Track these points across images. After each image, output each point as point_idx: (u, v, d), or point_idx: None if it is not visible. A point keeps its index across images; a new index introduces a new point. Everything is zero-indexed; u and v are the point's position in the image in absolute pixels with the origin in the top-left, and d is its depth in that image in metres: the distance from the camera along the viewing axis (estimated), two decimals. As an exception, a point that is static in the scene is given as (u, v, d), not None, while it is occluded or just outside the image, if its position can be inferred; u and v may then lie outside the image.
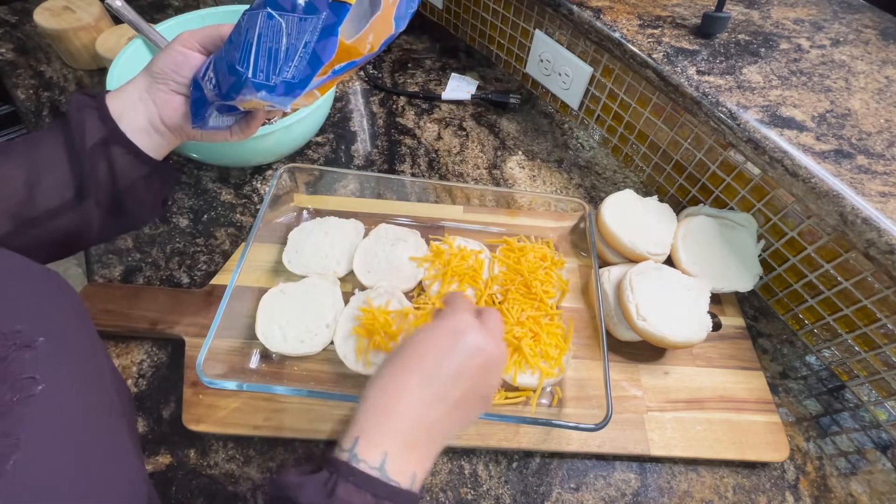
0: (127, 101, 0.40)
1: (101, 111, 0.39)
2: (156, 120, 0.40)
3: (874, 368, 0.54)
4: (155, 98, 0.40)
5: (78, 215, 0.38)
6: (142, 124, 0.40)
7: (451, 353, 0.34)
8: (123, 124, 0.39)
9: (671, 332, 0.51)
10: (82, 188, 0.38)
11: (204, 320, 0.53)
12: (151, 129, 0.40)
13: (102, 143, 0.38)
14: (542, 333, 0.52)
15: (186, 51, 0.40)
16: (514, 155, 0.77)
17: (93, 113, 0.38)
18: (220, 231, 0.64)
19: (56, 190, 0.37)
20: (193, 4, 1.00)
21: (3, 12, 0.94)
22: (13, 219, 0.36)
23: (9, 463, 0.21)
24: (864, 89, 0.55)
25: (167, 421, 0.49)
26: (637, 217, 0.60)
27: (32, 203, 0.36)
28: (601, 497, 0.48)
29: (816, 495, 0.49)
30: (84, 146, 0.37)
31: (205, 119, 0.40)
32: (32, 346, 0.25)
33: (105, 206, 0.40)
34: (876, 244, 0.44)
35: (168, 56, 0.40)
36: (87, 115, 0.38)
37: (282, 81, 0.34)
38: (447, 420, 0.33)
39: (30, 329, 0.26)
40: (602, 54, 0.69)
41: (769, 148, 0.50)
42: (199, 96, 0.39)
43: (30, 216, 0.36)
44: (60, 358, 0.27)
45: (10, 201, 0.36)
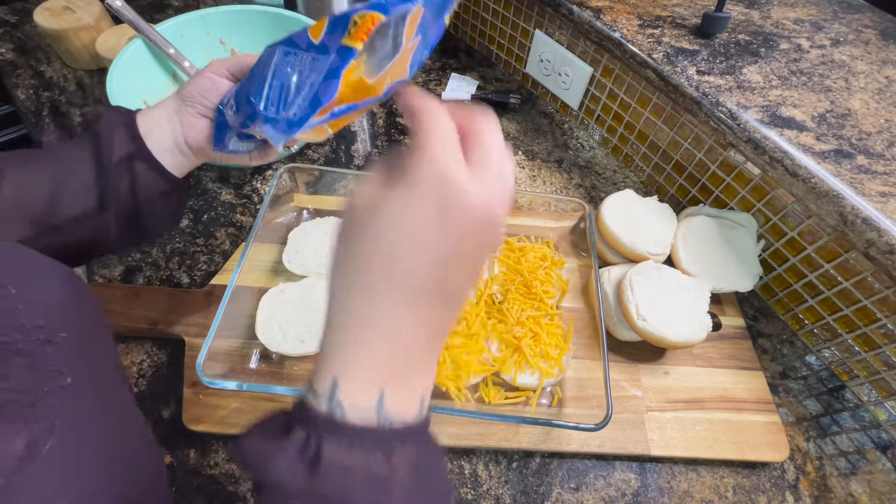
0: (156, 120, 0.42)
1: (130, 128, 0.41)
2: (180, 140, 0.42)
3: (874, 368, 0.54)
4: (182, 120, 0.42)
5: (97, 225, 0.40)
6: (167, 144, 0.42)
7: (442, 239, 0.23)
8: (150, 142, 0.41)
9: (671, 332, 0.51)
10: (104, 199, 0.39)
11: (204, 320, 0.53)
12: (176, 148, 0.42)
13: (128, 158, 0.40)
14: (542, 333, 0.52)
15: (215, 77, 0.42)
16: (514, 155, 0.77)
17: (122, 129, 0.40)
18: (220, 231, 0.64)
19: (79, 199, 0.39)
20: (193, 4, 1.00)
21: (3, 12, 0.94)
22: (35, 225, 0.37)
23: (45, 447, 0.22)
24: (864, 89, 0.55)
25: (167, 421, 0.49)
26: (637, 217, 0.60)
27: (55, 211, 0.38)
28: (601, 497, 0.48)
29: (816, 495, 0.49)
30: (111, 160, 0.39)
31: (225, 143, 0.42)
32: (55, 342, 0.26)
33: (123, 219, 0.41)
34: (876, 244, 0.44)
35: (198, 81, 0.42)
36: (117, 131, 0.40)
37: (284, 118, 0.35)
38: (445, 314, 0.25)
39: (51, 325, 0.26)
40: (602, 54, 0.69)
41: (769, 148, 0.50)
42: (222, 121, 0.41)
43: (51, 223, 0.38)
44: (81, 353, 0.28)
45: (33, 207, 0.37)
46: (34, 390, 0.23)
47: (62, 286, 0.30)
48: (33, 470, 0.21)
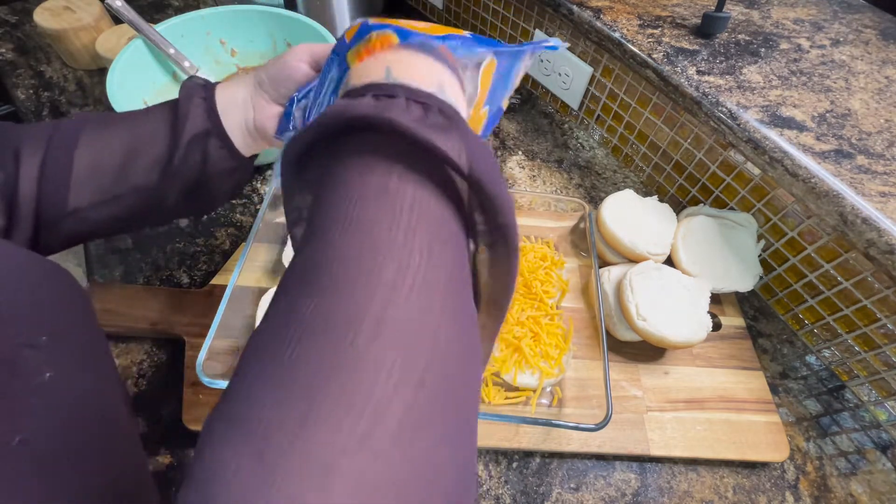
0: (232, 99, 0.41)
1: (208, 103, 0.40)
2: (251, 123, 0.42)
3: (874, 368, 0.54)
4: (255, 103, 0.42)
5: (156, 196, 0.40)
6: (238, 122, 0.41)
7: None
8: (225, 120, 0.41)
9: (671, 332, 0.51)
10: (172, 172, 0.39)
11: (204, 320, 0.53)
12: (245, 130, 0.42)
13: (205, 133, 0.40)
14: (542, 333, 0.52)
15: (296, 63, 0.40)
16: (514, 155, 0.77)
17: (201, 103, 0.40)
18: (220, 231, 0.64)
19: (149, 170, 0.39)
20: (193, 4, 1.00)
21: (3, 12, 0.94)
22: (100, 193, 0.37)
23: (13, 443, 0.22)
24: (864, 89, 0.55)
25: (167, 421, 0.49)
26: (637, 217, 0.60)
27: (124, 180, 0.38)
28: (601, 497, 0.48)
29: (816, 495, 0.49)
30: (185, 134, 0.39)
31: (285, 136, 0.41)
32: (36, 345, 0.25)
33: (184, 191, 0.41)
34: (876, 244, 0.44)
35: (277, 65, 0.41)
36: (195, 105, 0.40)
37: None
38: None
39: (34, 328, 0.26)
40: (602, 54, 0.69)
41: (769, 148, 0.50)
42: (290, 112, 0.40)
43: (116, 192, 0.38)
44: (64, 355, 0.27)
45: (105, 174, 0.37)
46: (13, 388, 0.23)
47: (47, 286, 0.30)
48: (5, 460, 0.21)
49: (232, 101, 0.41)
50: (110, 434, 0.29)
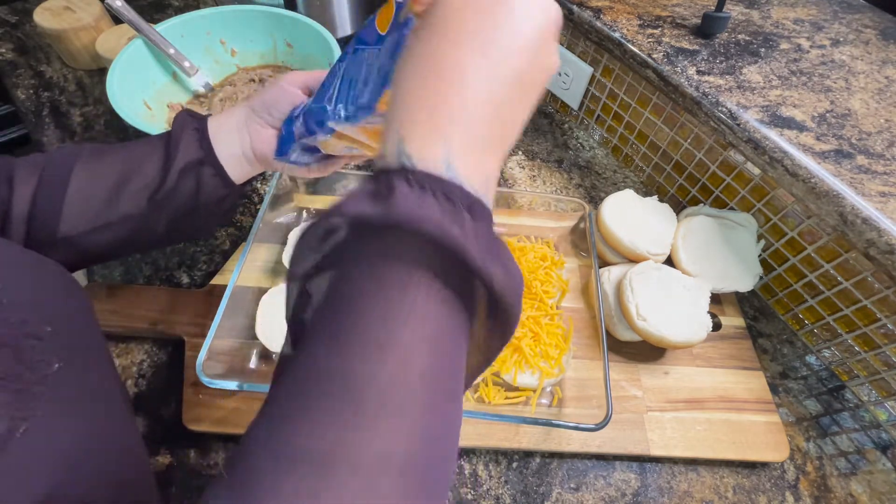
0: (225, 127, 0.42)
1: (201, 133, 0.41)
2: (247, 149, 0.43)
3: (874, 368, 0.54)
4: (250, 129, 0.42)
5: (146, 224, 0.40)
6: (233, 151, 0.42)
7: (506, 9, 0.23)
8: (218, 149, 0.42)
9: (671, 332, 0.51)
10: (161, 200, 0.40)
11: (204, 320, 0.53)
12: (242, 156, 0.43)
13: (198, 162, 0.41)
14: (542, 333, 0.52)
15: (289, 88, 0.42)
16: (513, 155, 0.77)
17: (193, 134, 0.41)
18: (220, 231, 0.64)
19: (137, 199, 0.39)
20: (193, 4, 1.00)
21: (3, 12, 0.94)
22: (90, 221, 0.38)
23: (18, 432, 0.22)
24: (864, 89, 0.55)
25: (167, 421, 0.49)
26: (637, 217, 0.60)
27: (114, 209, 0.38)
28: (601, 497, 0.48)
29: (816, 495, 0.49)
30: (176, 162, 0.40)
31: (287, 155, 0.42)
32: (41, 336, 0.26)
33: (175, 220, 0.42)
34: (876, 244, 0.44)
35: (271, 92, 0.42)
36: (188, 136, 0.41)
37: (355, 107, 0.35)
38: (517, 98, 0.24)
39: (38, 319, 0.26)
40: (602, 54, 0.69)
41: (769, 148, 0.50)
42: (288, 132, 0.41)
43: (106, 220, 0.39)
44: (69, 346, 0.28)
45: (94, 205, 0.38)
46: (21, 378, 0.23)
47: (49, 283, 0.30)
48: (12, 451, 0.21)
49: (225, 129, 0.42)
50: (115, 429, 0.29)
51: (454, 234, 0.20)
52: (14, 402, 0.22)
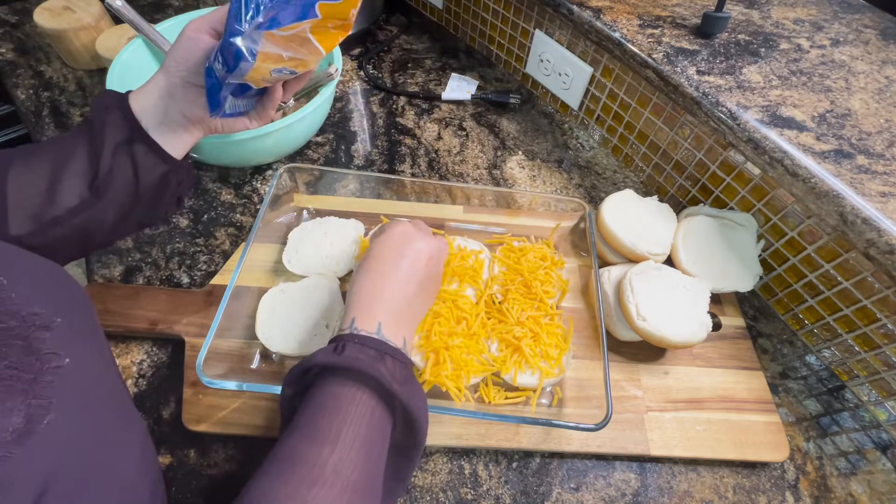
0: (148, 98, 0.40)
1: (124, 110, 0.40)
2: (176, 115, 0.41)
3: (874, 368, 0.54)
4: (173, 93, 0.40)
5: (93, 214, 0.39)
6: (163, 119, 0.41)
7: (407, 249, 0.43)
8: (145, 122, 0.40)
9: (671, 332, 0.51)
10: (101, 187, 0.39)
11: (204, 320, 0.53)
12: (174, 123, 0.41)
13: (126, 142, 0.39)
14: (542, 333, 0.52)
15: (196, 35, 0.39)
16: (514, 155, 0.77)
17: (116, 112, 0.39)
18: (220, 231, 0.64)
19: (76, 189, 0.38)
20: (193, 4, 1.00)
21: (3, 12, 0.94)
22: (35, 219, 0.37)
23: (43, 423, 0.22)
24: (864, 89, 0.55)
25: (167, 421, 0.49)
26: (637, 217, 0.60)
27: (54, 202, 0.38)
28: (601, 497, 0.48)
29: (816, 495, 0.49)
30: (105, 145, 0.39)
31: (221, 105, 0.39)
32: (51, 327, 0.26)
33: (121, 205, 0.40)
34: (876, 244, 0.44)
35: (179, 45, 0.40)
36: (110, 115, 0.39)
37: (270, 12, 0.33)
38: (420, 296, 0.43)
39: (47, 311, 0.26)
40: (602, 54, 0.69)
41: (769, 148, 0.50)
42: (214, 82, 0.39)
43: (52, 216, 0.38)
44: (77, 339, 0.28)
45: (33, 201, 0.37)
46: (33, 368, 0.24)
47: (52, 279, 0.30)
48: (32, 444, 0.21)
49: (148, 101, 0.40)
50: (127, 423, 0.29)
51: (379, 370, 0.34)
52: (30, 392, 0.23)
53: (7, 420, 0.21)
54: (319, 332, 0.52)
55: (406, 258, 0.43)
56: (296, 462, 0.31)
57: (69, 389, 0.25)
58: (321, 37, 0.35)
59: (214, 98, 0.39)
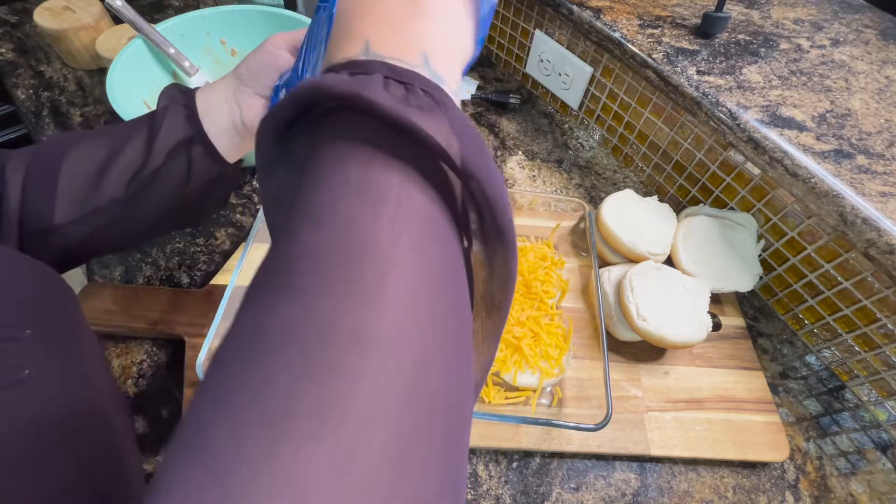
0: (214, 101, 0.40)
1: (190, 108, 0.39)
2: (238, 122, 0.41)
3: (874, 368, 0.54)
4: (239, 101, 0.40)
5: (137, 207, 0.39)
6: (224, 125, 0.40)
7: None
8: (207, 123, 0.40)
9: (671, 332, 0.51)
10: (148, 180, 0.38)
11: (204, 320, 0.53)
12: (233, 129, 0.41)
13: (187, 141, 0.39)
14: (542, 333, 0.52)
15: (274, 52, 0.39)
16: (514, 155, 0.77)
17: (181, 109, 0.39)
18: (220, 231, 0.64)
19: (123, 179, 0.37)
20: (193, 4, 1.00)
21: (3, 12, 0.94)
22: (79, 206, 0.36)
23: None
24: (864, 89, 0.55)
25: (167, 421, 0.49)
26: (637, 217, 0.60)
27: (99, 191, 0.37)
28: (601, 497, 0.48)
29: (816, 495, 0.49)
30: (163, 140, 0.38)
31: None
32: (20, 339, 0.25)
33: (167, 202, 0.40)
34: (876, 244, 0.44)
35: (256, 57, 0.40)
36: (175, 110, 0.39)
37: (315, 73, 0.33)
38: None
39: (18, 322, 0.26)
40: (602, 54, 0.69)
41: (769, 148, 0.50)
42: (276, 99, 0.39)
43: (94, 205, 0.37)
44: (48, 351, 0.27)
45: (80, 187, 0.36)
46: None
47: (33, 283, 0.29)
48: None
49: (214, 103, 0.40)
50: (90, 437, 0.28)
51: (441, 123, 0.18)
52: None
53: None
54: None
55: None
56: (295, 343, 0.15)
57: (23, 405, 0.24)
58: None
59: None
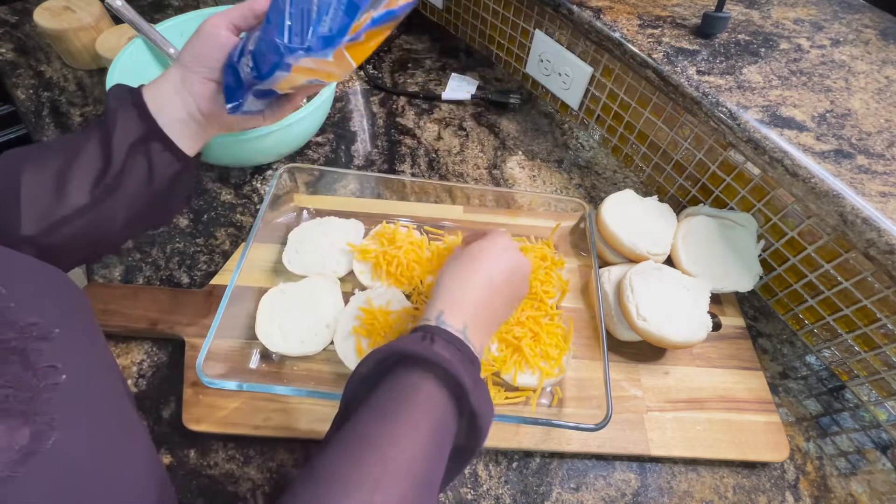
0: (163, 95, 0.39)
1: (139, 107, 0.38)
2: (193, 111, 0.40)
3: (874, 368, 0.54)
4: (190, 88, 0.39)
5: (103, 213, 0.38)
6: (179, 115, 0.39)
7: (502, 262, 0.43)
8: (161, 119, 0.39)
9: (671, 332, 0.51)
10: (111, 185, 0.38)
11: (204, 320, 0.53)
12: (189, 119, 0.40)
13: (142, 140, 0.38)
14: (542, 333, 0.52)
15: (215, 31, 0.39)
16: (514, 155, 0.77)
17: (131, 109, 0.38)
18: (220, 231, 0.64)
19: (85, 187, 0.37)
20: (193, 4, 1.00)
21: (3, 12, 0.94)
22: (45, 218, 0.36)
23: (49, 441, 0.22)
24: (864, 89, 0.55)
25: (167, 421, 0.49)
26: (637, 217, 0.60)
27: (63, 201, 0.37)
28: (601, 497, 0.48)
29: (816, 495, 0.49)
30: (118, 143, 0.37)
31: (241, 104, 0.39)
32: (49, 338, 0.25)
33: (133, 204, 0.40)
34: (876, 244, 0.44)
35: (197, 40, 0.39)
36: (124, 111, 0.38)
37: (317, 38, 0.33)
38: (501, 309, 0.42)
39: (45, 322, 0.26)
40: (602, 54, 0.69)
41: (769, 148, 0.50)
42: (234, 80, 0.38)
43: (60, 215, 0.37)
44: (76, 349, 0.27)
45: (43, 200, 0.36)
46: (31, 386, 0.23)
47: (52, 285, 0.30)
48: (37, 463, 0.21)
49: (164, 97, 0.39)
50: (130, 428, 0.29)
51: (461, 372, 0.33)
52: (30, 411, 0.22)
53: (10, 440, 0.21)
54: (319, 332, 0.52)
55: (504, 268, 0.42)
56: (367, 445, 0.30)
57: (69, 405, 0.24)
58: (355, 52, 0.35)
59: (233, 97, 0.38)
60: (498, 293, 0.41)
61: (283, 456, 0.48)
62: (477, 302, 0.40)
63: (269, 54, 0.35)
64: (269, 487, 0.46)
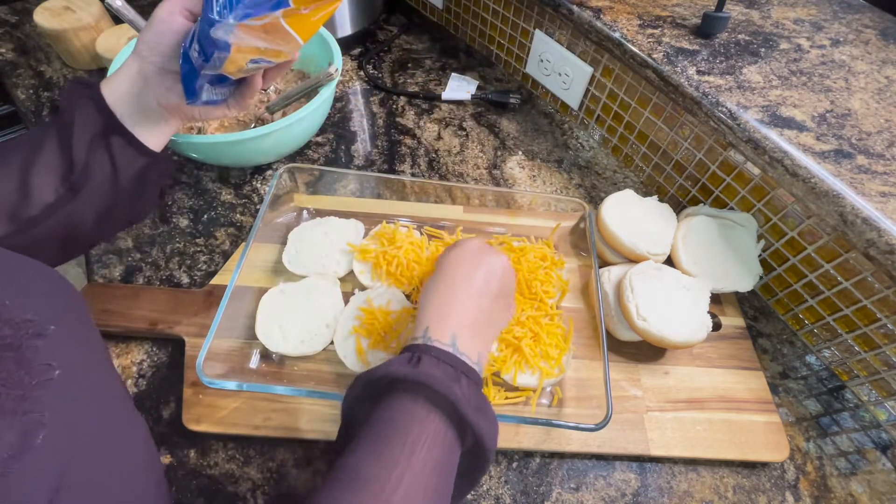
0: (121, 87, 0.38)
1: (97, 101, 0.37)
2: (152, 103, 0.39)
3: (874, 368, 0.54)
4: (147, 80, 0.38)
5: (73, 211, 0.37)
6: (138, 109, 0.38)
7: (481, 262, 0.42)
8: (120, 112, 0.38)
9: (671, 332, 0.51)
10: (77, 182, 0.37)
11: (204, 320, 0.53)
12: (151, 112, 0.39)
13: (102, 135, 0.37)
14: (542, 333, 0.52)
15: (168, 17, 0.37)
16: (514, 155, 0.77)
17: (88, 103, 0.37)
18: (220, 231, 0.64)
19: (50, 185, 0.36)
20: (193, 4, 1.00)
21: (3, 12, 0.94)
22: (12, 219, 0.35)
23: (38, 438, 0.22)
24: (864, 89, 0.55)
25: (167, 421, 0.49)
26: (637, 217, 0.60)
27: (28, 201, 0.36)
28: (601, 497, 0.48)
29: (816, 495, 0.49)
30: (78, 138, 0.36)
31: (197, 93, 0.37)
32: (44, 335, 0.25)
33: (101, 201, 0.39)
34: (876, 244, 0.44)
35: (151, 29, 0.37)
36: (82, 106, 0.37)
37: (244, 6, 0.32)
38: (492, 308, 0.41)
39: (41, 319, 0.26)
40: (602, 54, 0.69)
41: (769, 148, 0.50)
42: (189, 69, 0.36)
43: (28, 215, 0.36)
44: (72, 346, 0.27)
45: (6, 201, 0.35)
46: (22, 384, 0.23)
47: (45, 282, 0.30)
48: (30, 459, 0.21)
49: (121, 91, 0.38)
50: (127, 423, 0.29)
51: (455, 393, 0.32)
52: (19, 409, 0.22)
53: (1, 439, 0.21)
54: (319, 332, 0.52)
55: (480, 269, 0.41)
56: (361, 481, 0.29)
57: (61, 401, 0.24)
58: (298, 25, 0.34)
59: (190, 85, 0.37)
60: (484, 294, 0.40)
61: (283, 456, 0.48)
62: (462, 310, 0.39)
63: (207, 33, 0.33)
64: (269, 487, 0.46)
